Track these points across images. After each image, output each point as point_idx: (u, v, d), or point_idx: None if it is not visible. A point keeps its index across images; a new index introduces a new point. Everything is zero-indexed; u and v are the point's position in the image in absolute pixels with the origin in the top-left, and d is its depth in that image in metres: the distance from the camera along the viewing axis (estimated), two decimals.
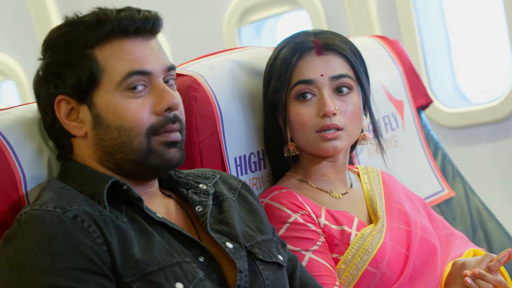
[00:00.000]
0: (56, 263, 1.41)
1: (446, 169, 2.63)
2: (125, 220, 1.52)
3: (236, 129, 1.97)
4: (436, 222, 2.05)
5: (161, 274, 1.47)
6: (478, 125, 3.63)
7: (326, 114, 1.83)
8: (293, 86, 1.87)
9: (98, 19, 1.56)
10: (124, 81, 1.55)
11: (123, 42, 1.57)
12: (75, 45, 1.56)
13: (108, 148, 1.57)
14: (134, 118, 1.55)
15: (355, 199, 1.94)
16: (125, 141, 1.55)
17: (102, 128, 1.56)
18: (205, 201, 1.66)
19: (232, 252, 1.58)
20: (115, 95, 1.55)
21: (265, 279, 1.60)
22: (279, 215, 1.83)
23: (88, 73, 1.55)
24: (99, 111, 1.56)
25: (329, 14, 3.87)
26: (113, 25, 1.56)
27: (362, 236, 1.83)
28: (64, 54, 1.57)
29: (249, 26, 4.27)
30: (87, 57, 1.55)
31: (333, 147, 1.85)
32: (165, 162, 1.58)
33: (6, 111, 1.70)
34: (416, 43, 3.69)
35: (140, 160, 1.57)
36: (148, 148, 1.56)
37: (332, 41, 1.89)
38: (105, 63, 1.55)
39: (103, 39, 1.56)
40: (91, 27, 1.56)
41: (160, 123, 1.57)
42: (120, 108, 1.55)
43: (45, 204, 1.47)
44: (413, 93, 2.58)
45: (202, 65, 2.01)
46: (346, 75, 1.87)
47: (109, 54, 1.56)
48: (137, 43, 1.58)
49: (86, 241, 1.44)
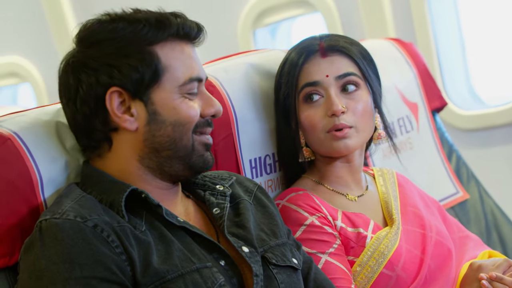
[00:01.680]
0: (75, 271, 1.43)
1: (460, 172, 2.63)
2: (143, 228, 1.53)
3: (251, 132, 1.98)
4: (450, 224, 2.05)
5: (180, 282, 1.48)
6: (493, 128, 3.63)
7: (335, 113, 1.84)
8: (301, 90, 1.88)
9: (159, 19, 1.59)
10: (186, 85, 1.60)
11: (183, 45, 1.62)
12: (136, 40, 1.57)
13: (157, 145, 1.58)
14: (189, 115, 1.59)
15: (370, 202, 1.94)
16: (177, 137, 1.58)
17: (157, 124, 1.58)
18: (222, 204, 1.67)
19: (248, 256, 1.59)
20: (174, 95, 1.59)
21: (280, 283, 1.60)
22: (295, 217, 1.83)
23: (151, 69, 1.57)
24: (156, 107, 1.58)
25: (343, 17, 3.87)
26: (178, 28, 1.60)
27: (377, 238, 1.83)
28: (120, 47, 1.57)
29: (264, 28, 4.27)
30: (150, 54, 1.57)
31: (345, 146, 1.85)
32: (205, 163, 1.63)
33: (23, 113, 1.71)
34: (431, 45, 3.69)
35: (185, 158, 1.60)
36: (192, 145, 1.60)
37: (337, 42, 1.90)
38: (168, 63, 1.58)
39: (165, 39, 1.59)
40: (154, 25, 1.58)
41: (202, 123, 1.62)
42: (178, 105, 1.59)
43: (66, 213, 1.48)
44: (428, 96, 2.58)
45: (217, 68, 2.02)
46: (351, 73, 1.88)
47: (171, 55, 1.59)
48: (191, 49, 1.64)
49: (105, 250, 1.45)
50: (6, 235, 1.56)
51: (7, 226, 1.56)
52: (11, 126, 1.64)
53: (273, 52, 2.18)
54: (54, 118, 1.67)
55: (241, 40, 4.26)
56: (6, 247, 1.56)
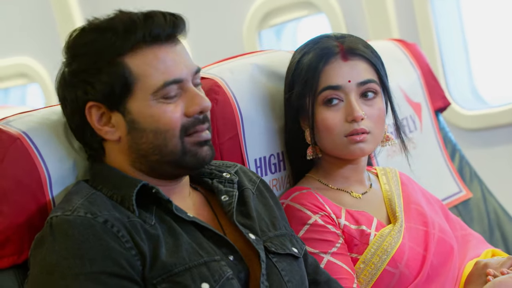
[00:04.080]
0: (85, 267, 1.44)
1: (463, 171, 2.63)
2: (153, 222, 1.54)
3: (257, 131, 1.98)
4: (453, 222, 2.05)
5: (187, 275, 1.49)
6: (496, 127, 3.63)
7: (355, 120, 1.84)
8: (320, 92, 1.87)
9: (126, 26, 1.56)
10: (160, 90, 1.56)
11: (154, 49, 1.57)
12: (105, 53, 1.56)
13: (143, 151, 1.59)
14: (168, 121, 1.57)
15: (374, 200, 1.95)
16: (161, 144, 1.57)
17: (138, 132, 1.58)
18: (231, 191, 1.68)
19: (255, 242, 1.61)
20: (150, 102, 1.57)
21: (281, 270, 1.62)
22: (299, 217, 1.84)
23: (121, 81, 1.55)
24: (134, 117, 1.57)
25: (348, 18, 3.88)
26: (144, 33, 1.55)
27: (381, 236, 1.84)
28: (93, 61, 1.56)
29: (269, 29, 4.27)
30: (118, 65, 1.56)
31: (360, 150, 1.86)
32: (200, 160, 1.61)
33: (31, 113, 1.72)
34: (434, 46, 3.69)
35: (175, 161, 1.59)
36: (183, 149, 1.58)
37: (356, 45, 1.89)
38: (138, 71, 1.56)
39: (133, 47, 1.56)
40: (120, 34, 1.55)
41: (190, 124, 1.59)
42: (156, 113, 1.56)
43: (77, 210, 1.49)
44: (431, 96, 2.58)
45: (223, 68, 2.02)
46: (372, 80, 1.88)
47: (141, 62, 1.56)
48: (168, 49, 1.59)
49: (115, 245, 1.46)
50: (15, 234, 1.57)
51: (16, 224, 1.58)
52: (20, 126, 1.65)
53: (278, 53, 2.19)
54: (62, 117, 1.67)
55: (247, 41, 4.26)
56: (15, 246, 1.58)
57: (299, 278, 1.67)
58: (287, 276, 1.63)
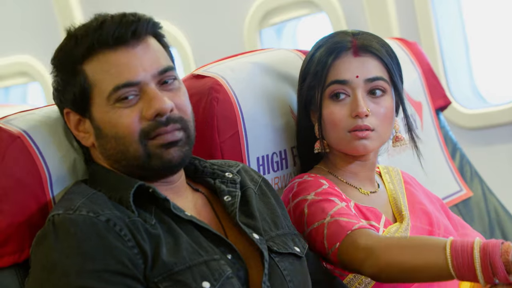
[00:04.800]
0: (87, 265, 1.44)
1: (464, 170, 2.63)
2: (153, 222, 1.54)
3: (258, 130, 1.98)
4: (454, 222, 2.05)
5: (188, 273, 1.49)
6: (496, 126, 3.63)
7: (359, 115, 1.84)
8: (328, 85, 1.87)
9: (82, 32, 1.57)
10: (113, 94, 1.56)
11: (107, 54, 1.57)
12: (67, 61, 1.59)
13: (112, 157, 1.60)
14: (125, 126, 1.56)
15: (381, 199, 1.95)
16: (123, 149, 1.58)
17: (103, 138, 1.59)
18: (233, 192, 1.68)
19: (259, 242, 1.61)
20: (107, 107, 1.57)
21: (283, 270, 1.62)
22: (316, 184, 1.84)
23: (79, 89, 1.58)
24: (97, 123, 1.59)
25: (348, 17, 3.88)
26: (93, 38, 1.56)
27: (389, 233, 1.84)
28: (60, 71, 1.62)
29: (270, 28, 4.28)
30: (78, 73, 1.58)
31: (363, 147, 1.86)
32: (166, 163, 1.59)
33: (31, 111, 1.72)
34: (435, 45, 3.69)
35: (141, 165, 1.59)
36: (146, 152, 1.57)
37: (370, 42, 1.89)
38: (93, 77, 1.57)
39: (88, 53, 1.57)
40: (80, 41, 1.57)
41: (151, 127, 1.57)
42: (113, 118, 1.57)
43: (79, 209, 1.50)
44: (432, 95, 2.58)
45: (223, 67, 2.03)
46: (381, 77, 1.88)
47: (96, 68, 1.57)
48: (122, 53, 1.57)
49: (118, 244, 1.47)
50: (16, 233, 1.58)
51: (17, 223, 1.58)
52: (20, 125, 1.66)
53: (279, 51, 2.19)
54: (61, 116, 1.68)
55: (248, 40, 4.27)
56: (15, 244, 1.58)
57: (301, 277, 1.67)
58: (289, 276, 1.63)
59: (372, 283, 1.80)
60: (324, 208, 1.78)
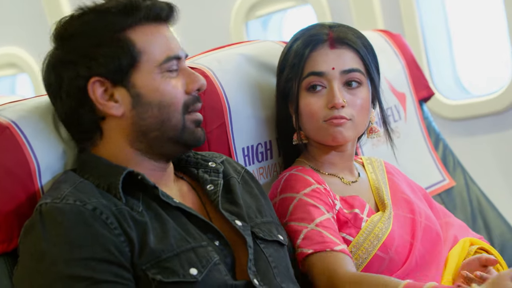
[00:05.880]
0: (75, 253, 1.45)
1: (447, 160, 2.65)
2: (140, 209, 1.55)
3: (244, 120, 2.00)
4: (436, 210, 2.07)
5: (176, 260, 1.51)
6: (479, 117, 3.64)
7: (335, 106, 1.85)
8: (305, 77, 1.89)
9: (127, 4, 1.60)
10: (164, 64, 1.61)
11: (155, 27, 1.63)
12: (107, 29, 1.59)
13: (144, 127, 1.61)
14: (173, 95, 1.62)
15: (363, 188, 1.97)
16: (165, 118, 1.61)
17: (143, 106, 1.60)
18: (216, 180, 1.71)
19: (242, 229, 1.63)
20: (155, 75, 1.61)
21: (268, 256, 1.64)
22: (304, 181, 1.86)
23: (127, 54, 1.59)
24: (139, 90, 1.60)
25: (333, 9, 3.89)
26: (147, 11, 1.61)
27: (371, 222, 1.86)
28: (96, 38, 1.59)
29: (256, 20, 4.27)
30: (123, 39, 1.59)
31: (340, 135, 1.87)
32: (196, 139, 1.66)
33: (20, 102, 1.72)
34: (418, 37, 3.70)
35: (175, 137, 1.63)
36: (183, 125, 1.63)
37: (345, 34, 1.91)
38: (143, 46, 1.60)
39: (136, 24, 1.61)
40: (122, 12, 1.60)
41: (191, 101, 1.64)
42: (162, 86, 1.61)
43: (66, 198, 1.51)
44: (415, 86, 2.60)
45: (210, 58, 2.04)
46: (356, 69, 1.89)
47: (145, 37, 1.61)
48: (166, 29, 1.65)
49: (104, 232, 1.48)
50: (4, 222, 1.59)
51: (5, 212, 1.59)
52: (9, 115, 1.66)
53: (265, 43, 2.20)
54: (51, 107, 1.68)
55: (234, 32, 4.26)
56: (4, 234, 1.59)
57: (285, 264, 1.69)
58: (274, 262, 1.65)
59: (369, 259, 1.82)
60: (311, 212, 1.80)
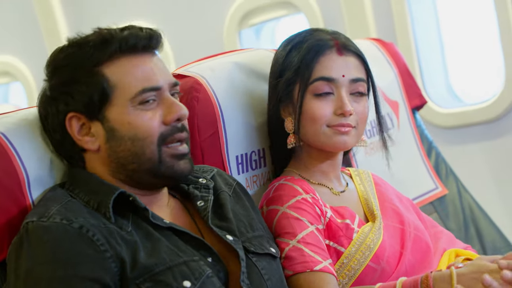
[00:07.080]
0: (58, 271, 1.46)
1: (439, 168, 2.66)
2: (129, 229, 1.55)
3: (237, 128, 2.00)
4: (424, 220, 2.07)
5: (169, 274, 1.51)
6: (471, 125, 3.67)
7: (344, 114, 1.86)
8: (312, 82, 1.88)
9: (103, 38, 1.60)
10: (138, 96, 1.60)
11: (131, 59, 1.62)
12: (83, 64, 1.60)
13: (121, 160, 1.61)
14: (146, 128, 1.60)
15: (352, 199, 1.97)
16: (139, 151, 1.60)
17: (116, 140, 1.60)
18: (206, 196, 1.70)
19: (233, 243, 1.63)
20: (128, 109, 1.60)
21: (261, 269, 1.64)
22: (292, 190, 1.85)
23: (99, 90, 1.59)
24: (112, 124, 1.60)
25: (326, 18, 3.90)
26: (121, 43, 1.61)
27: (363, 232, 1.86)
28: (72, 73, 1.61)
29: (249, 29, 4.29)
30: (96, 75, 1.60)
31: (343, 142, 1.87)
32: (177, 174, 1.64)
33: (8, 114, 1.73)
34: (411, 45, 3.73)
35: (152, 170, 1.61)
36: (159, 157, 1.61)
37: (349, 42, 1.92)
38: (117, 79, 1.60)
39: (111, 57, 1.61)
40: (98, 45, 1.60)
41: (169, 132, 1.62)
42: (133, 120, 1.60)
43: (53, 217, 1.51)
44: (408, 94, 2.61)
45: (203, 67, 2.04)
46: (362, 79, 1.90)
47: (119, 71, 1.61)
48: (145, 59, 1.64)
49: (89, 250, 1.48)
50: None
51: None
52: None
53: (258, 51, 2.21)
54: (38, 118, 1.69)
55: (227, 40, 4.28)
56: None
57: (278, 277, 1.70)
58: (267, 275, 1.65)
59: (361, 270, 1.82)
60: (293, 227, 1.80)
